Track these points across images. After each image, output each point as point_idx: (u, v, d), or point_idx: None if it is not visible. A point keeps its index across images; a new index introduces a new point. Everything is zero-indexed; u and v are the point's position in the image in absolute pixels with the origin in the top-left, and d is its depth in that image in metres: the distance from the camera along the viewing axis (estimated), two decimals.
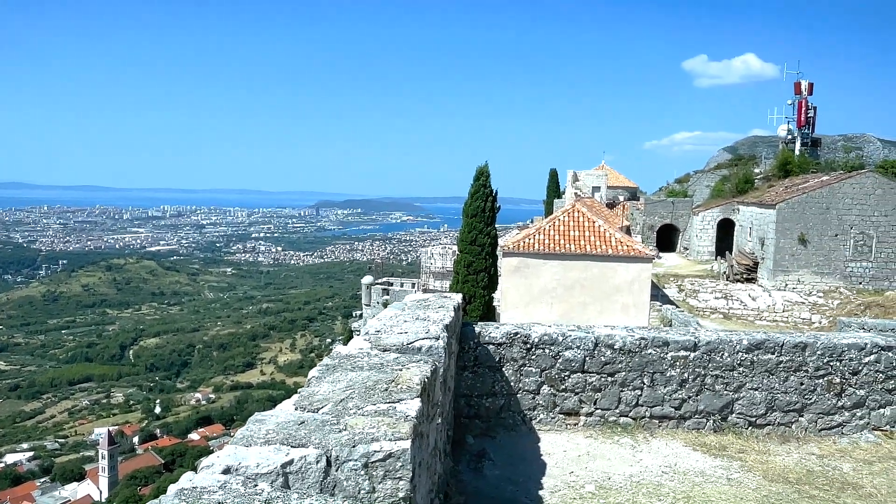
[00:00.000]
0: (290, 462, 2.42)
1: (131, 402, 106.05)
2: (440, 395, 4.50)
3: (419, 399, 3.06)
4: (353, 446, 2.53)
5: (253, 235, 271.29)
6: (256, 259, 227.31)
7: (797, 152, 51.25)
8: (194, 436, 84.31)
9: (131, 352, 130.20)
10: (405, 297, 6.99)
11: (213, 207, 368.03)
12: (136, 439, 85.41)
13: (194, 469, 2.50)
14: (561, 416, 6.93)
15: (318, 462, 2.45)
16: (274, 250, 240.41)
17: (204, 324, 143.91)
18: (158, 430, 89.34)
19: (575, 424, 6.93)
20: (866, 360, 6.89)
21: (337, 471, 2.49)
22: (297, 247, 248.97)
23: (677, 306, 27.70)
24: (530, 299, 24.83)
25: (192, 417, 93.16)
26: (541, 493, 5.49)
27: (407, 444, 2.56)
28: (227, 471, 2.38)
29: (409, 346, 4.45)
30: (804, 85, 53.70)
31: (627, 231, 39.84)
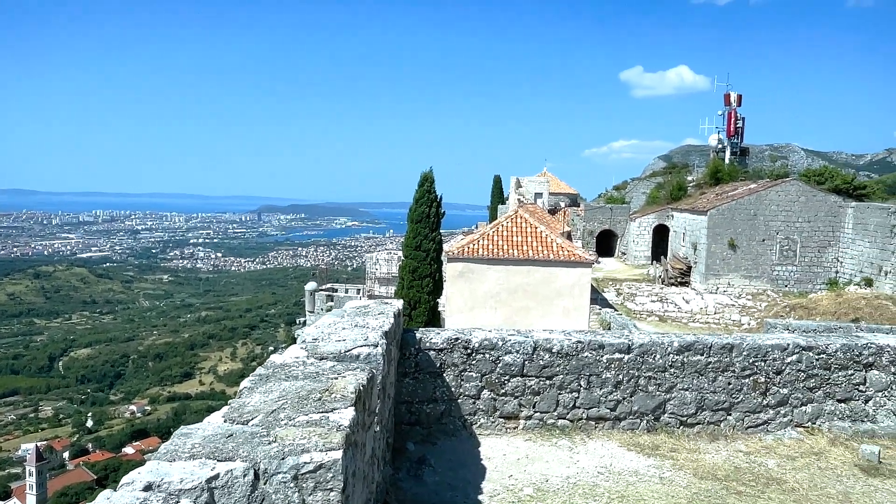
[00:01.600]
0: (216, 476, 2.36)
1: (61, 415, 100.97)
2: (378, 402, 4.47)
3: (353, 408, 3.03)
4: (283, 458, 2.48)
5: (191, 241, 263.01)
6: (195, 266, 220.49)
7: (727, 161, 53.63)
8: (129, 450, 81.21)
9: (61, 363, 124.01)
10: (347, 303, 6.92)
11: (149, 212, 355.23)
12: (66, 455, 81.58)
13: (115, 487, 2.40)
14: (501, 419, 7.00)
15: (245, 476, 2.39)
16: (213, 256, 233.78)
17: (139, 333, 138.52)
18: (90, 445, 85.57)
19: (515, 428, 7.01)
20: (789, 359, 7.24)
21: (265, 484, 2.43)
22: (238, 253, 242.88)
23: (616, 309, 28.45)
24: (475, 304, 25.02)
25: (127, 431, 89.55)
26: (480, 497, 5.53)
27: (338, 454, 2.53)
28: (148, 487, 2.29)
29: (347, 353, 4.41)
30: (733, 96, 56.30)
31: (568, 236, 40.67)
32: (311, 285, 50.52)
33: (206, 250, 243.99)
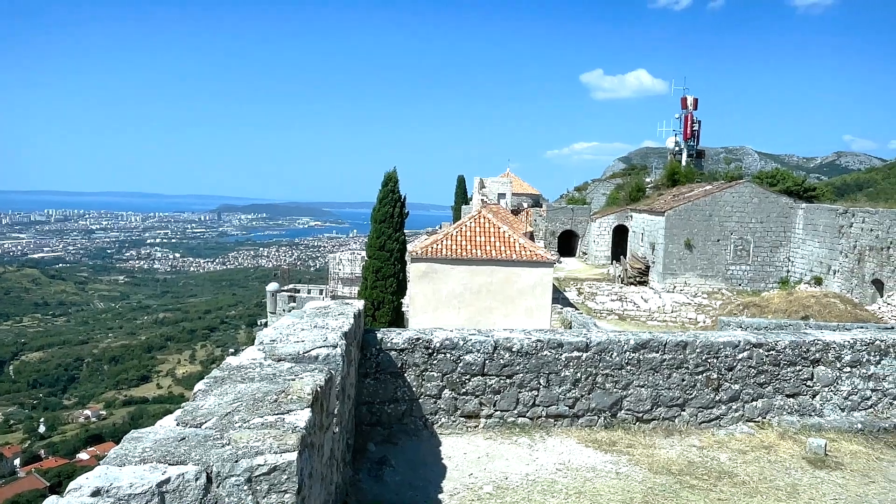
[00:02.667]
0: (167, 481, 2.32)
1: (11, 421, 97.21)
2: (337, 403, 4.46)
3: (309, 409, 3.02)
4: (236, 461, 2.46)
5: (148, 241, 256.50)
6: (152, 266, 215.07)
7: (684, 163, 54.92)
8: (84, 455, 78.80)
9: (11, 367, 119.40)
10: (307, 304, 6.87)
11: (104, 211, 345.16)
12: (17, 461, 78.65)
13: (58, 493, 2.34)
14: (462, 419, 7.04)
15: (197, 479, 2.36)
16: (171, 257, 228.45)
17: (94, 336, 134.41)
18: (43, 451, 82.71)
19: (475, 427, 7.06)
20: (740, 356, 7.47)
21: (218, 487, 2.41)
22: (197, 253, 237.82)
23: (577, 308, 28.85)
24: (438, 304, 25.07)
25: (81, 436, 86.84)
26: (440, 496, 5.56)
27: (293, 455, 2.52)
28: (96, 493, 2.25)
29: (306, 354, 4.38)
30: (690, 100, 57.69)
31: (531, 237, 41.06)
32: (272, 286, 49.88)
33: (164, 250, 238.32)
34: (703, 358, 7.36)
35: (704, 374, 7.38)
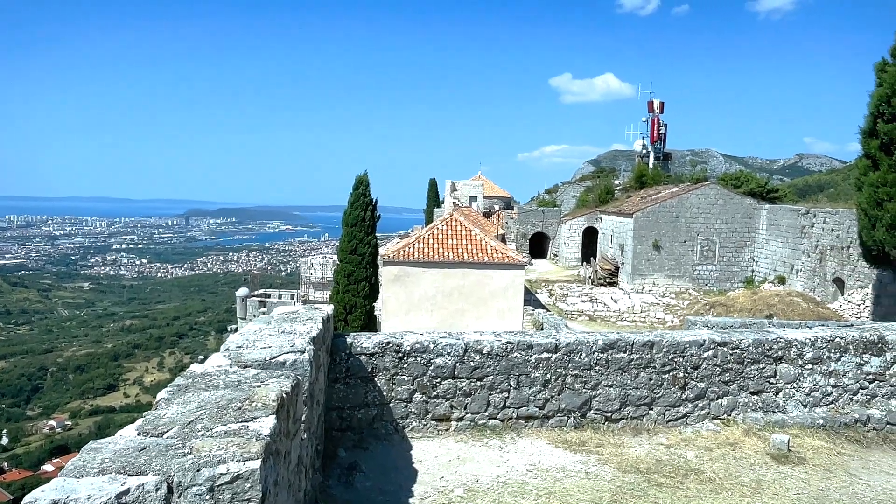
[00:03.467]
0: (126, 492, 2.28)
1: None
2: (305, 409, 4.42)
3: (275, 416, 2.99)
4: (198, 470, 2.42)
5: (114, 247, 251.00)
6: (118, 272, 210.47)
7: (651, 165, 55.83)
8: (48, 467, 76.67)
9: None
10: (275, 309, 6.79)
11: (68, 217, 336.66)
12: None
13: None
14: (433, 422, 7.04)
15: (157, 490, 2.32)
16: (138, 263, 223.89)
17: (58, 344, 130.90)
18: (6, 463, 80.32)
19: (446, 430, 7.06)
20: (705, 355, 7.60)
21: (179, 497, 2.37)
22: (165, 258, 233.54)
23: (548, 310, 29.07)
24: (410, 307, 25.04)
25: (46, 447, 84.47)
26: (411, 500, 5.55)
27: (256, 463, 2.49)
28: None
29: (272, 360, 4.34)
30: (656, 104, 58.70)
31: (502, 239, 41.26)
32: (242, 291, 49.23)
33: (131, 256, 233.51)
34: (670, 357, 7.47)
35: (671, 373, 7.50)
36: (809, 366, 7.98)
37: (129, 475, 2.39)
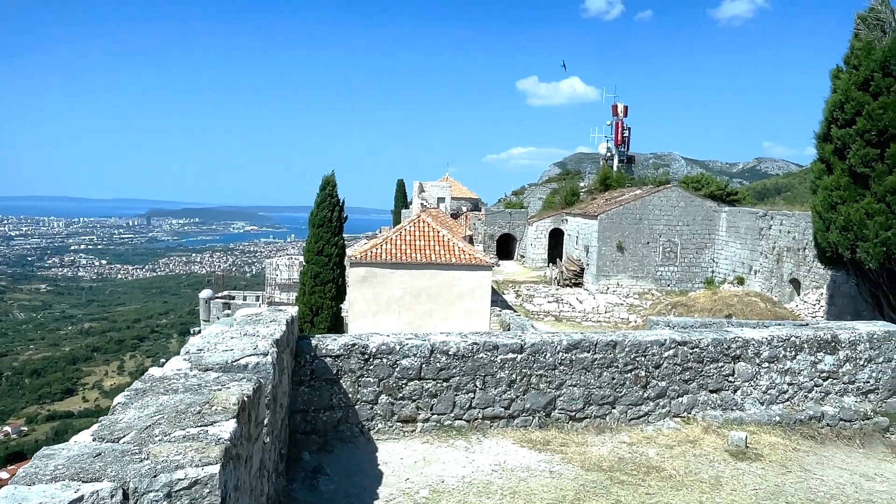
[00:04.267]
0: (80, 499, 2.22)
1: None
2: (267, 413, 4.37)
3: (235, 420, 2.95)
4: (155, 476, 2.38)
5: (72, 248, 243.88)
6: (77, 274, 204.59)
7: (615, 168, 56.70)
8: (3, 474, 74.09)
9: None
10: (238, 311, 6.70)
11: (24, 217, 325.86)
12: None
13: None
14: (399, 423, 7.02)
15: (112, 496, 2.27)
16: (97, 264, 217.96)
17: (13, 348, 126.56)
18: None
19: (412, 431, 7.06)
20: (666, 354, 7.75)
21: None
22: (126, 260, 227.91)
23: (515, 311, 29.27)
24: (378, 308, 24.95)
25: (1, 454, 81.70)
26: (376, 502, 5.53)
27: (216, 468, 2.45)
28: None
29: (234, 363, 4.28)
30: (620, 107, 59.67)
31: (470, 240, 41.41)
32: (206, 293, 48.35)
33: (90, 257, 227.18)
34: (632, 357, 7.60)
35: (633, 373, 7.63)
36: (766, 364, 8.20)
37: (83, 482, 2.33)
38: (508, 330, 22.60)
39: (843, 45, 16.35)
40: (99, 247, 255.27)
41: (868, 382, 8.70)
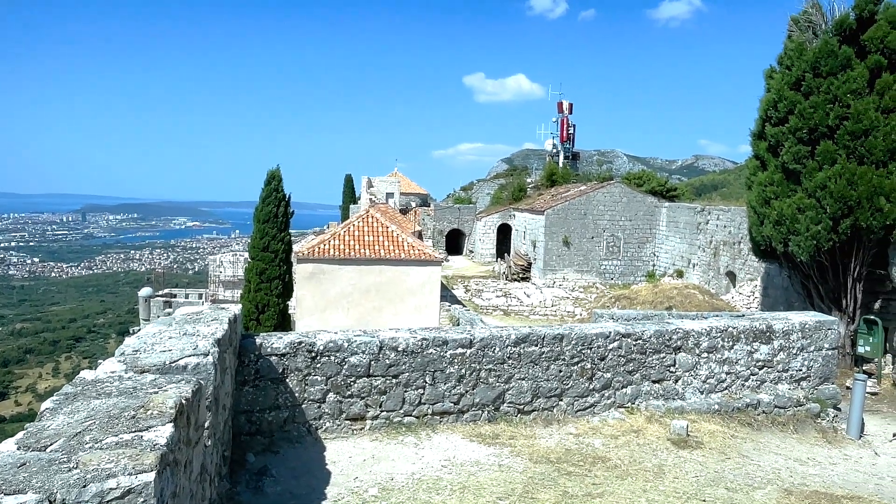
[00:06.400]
0: None
1: None
2: (208, 415, 4.22)
3: (172, 424, 2.82)
4: (84, 486, 2.24)
5: (2, 245, 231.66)
6: (7, 273, 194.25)
7: (561, 164, 57.65)
8: None
9: None
10: (178, 309, 6.45)
11: None
12: None
13: None
14: (347, 422, 6.93)
15: None
16: (29, 262, 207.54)
17: None
18: None
19: (361, 429, 6.97)
20: (611, 346, 7.91)
21: None
22: (60, 257, 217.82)
23: (464, 306, 29.40)
24: (326, 305, 24.62)
25: None
26: (323, 502, 5.43)
27: (150, 476, 2.34)
28: None
29: (172, 365, 4.11)
30: (565, 105, 60.62)
31: (419, 236, 41.32)
32: (145, 291, 46.66)
33: (21, 255, 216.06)
34: (578, 349, 7.72)
35: (579, 365, 7.75)
36: (706, 354, 8.47)
37: (5, 494, 2.18)
38: (458, 325, 22.67)
39: (777, 47, 17.02)
40: (31, 244, 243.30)
41: (801, 370, 9.11)
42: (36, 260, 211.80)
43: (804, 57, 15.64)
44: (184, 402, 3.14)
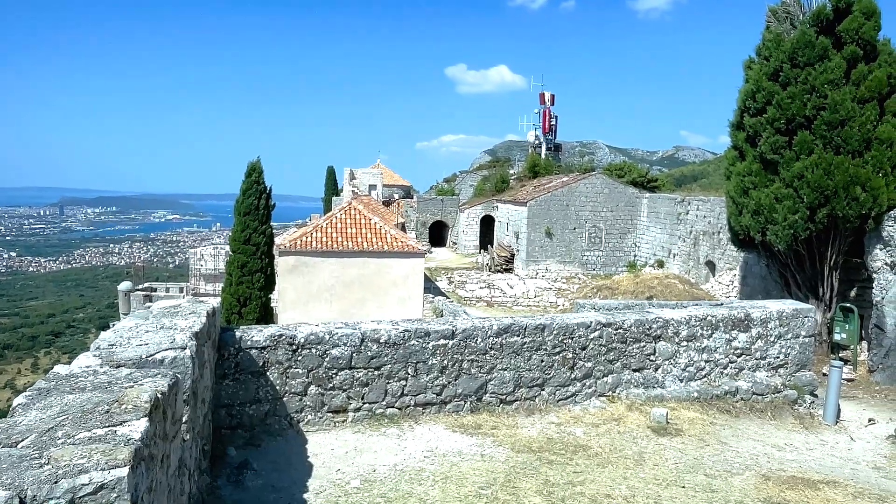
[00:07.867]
0: None
1: None
2: (186, 409, 4.18)
3: (147, 419, 2.78)
4: (56, 482, 2.20)
5: None
6: None
7: (543, 155, 57.76)
8: None
9: None
10: (156, 303, 6.37)
11: None
12: None
13: None
14: (329, 414, 6.91)
15: None
16: (6, 256, 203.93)
17: None
18: None
19: (343, 421, 6.96)
20: (592, 336, 7.96)
21: None
22: (38, 251, 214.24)
23: (448, 297, 29.42)
24: (309, 298, 24.50)
25: None
26: (305, 496, 5.41)
27: (124, 471, 2.30)
28: None
29: (149, 359, 4.06)
30: (547, 96, 60.68)
31: (402, 228, 41.24)
32: (125, 285, 46.07)
33: None
34: (560, 339, 7.76)
35: (561, 354, 7.79)
36: (685, 343, 8.56)
37: None
38: (441, 316, 22.68)
39: (756, 37, 17.14)
40: (8, 238, 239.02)
41: (778, 358, 9.24)
42: (13, 254, 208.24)
43: (782, 48, 15.78)
44: (159, 396, 3.10)
